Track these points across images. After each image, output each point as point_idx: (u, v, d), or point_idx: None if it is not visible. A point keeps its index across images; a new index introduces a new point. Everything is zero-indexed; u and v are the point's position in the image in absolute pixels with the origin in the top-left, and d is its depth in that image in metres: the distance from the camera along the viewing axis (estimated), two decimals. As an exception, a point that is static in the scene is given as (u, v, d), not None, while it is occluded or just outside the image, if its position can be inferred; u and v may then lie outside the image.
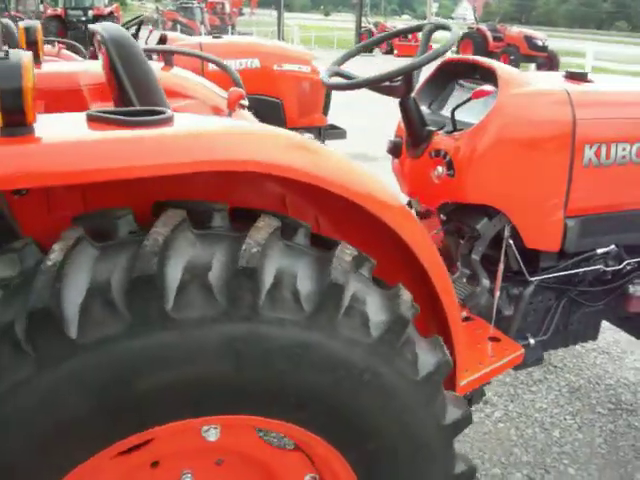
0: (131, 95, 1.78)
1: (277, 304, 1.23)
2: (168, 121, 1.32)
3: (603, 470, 2.76)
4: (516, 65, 20.55)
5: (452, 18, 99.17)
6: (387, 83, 2.18)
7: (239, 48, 5.50)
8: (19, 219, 1.40)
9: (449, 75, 2.54)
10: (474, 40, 22.58)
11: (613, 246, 2.52)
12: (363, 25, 26.71)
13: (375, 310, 1.34)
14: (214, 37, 6.07)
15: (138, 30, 5.01)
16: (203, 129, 1.35)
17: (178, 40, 5.67)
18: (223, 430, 1.41)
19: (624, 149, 2.34)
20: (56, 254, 1.16)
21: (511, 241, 2.28)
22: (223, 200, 1.39)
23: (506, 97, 2.15)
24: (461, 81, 2.46)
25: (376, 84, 2.14)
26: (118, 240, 1.25)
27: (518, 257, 2.32)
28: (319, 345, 1.27)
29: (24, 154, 1.17)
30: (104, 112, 1.35)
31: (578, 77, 2.41)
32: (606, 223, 2.45)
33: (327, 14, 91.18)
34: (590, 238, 2.44)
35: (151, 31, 7.35)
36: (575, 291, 2.58)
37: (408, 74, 2.13)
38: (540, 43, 20.90)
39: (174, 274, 1.17)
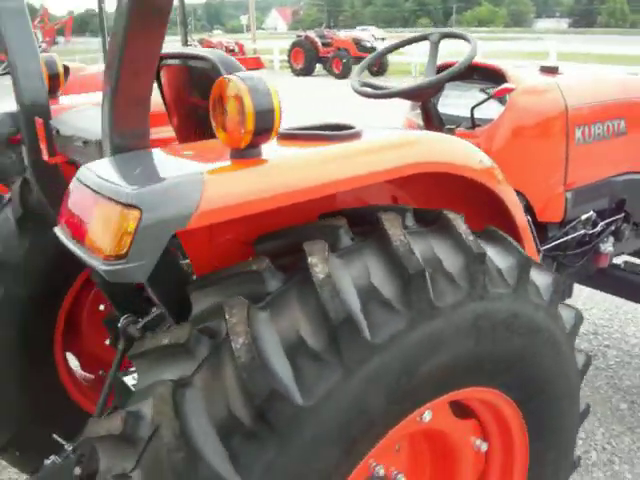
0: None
1: (493, 281, 1.46)
2: (358, 134, 1.46)
3: (594, 409, 3.23)
4: (349, 68, 21.55)
5: (263, 29, 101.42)
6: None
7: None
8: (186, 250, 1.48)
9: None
10: (304, 47, 23.38)
11: (591, 212, 2.99)
12: (189, 43, 26.64)
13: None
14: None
15: None
16: (392, 139, 1.53)
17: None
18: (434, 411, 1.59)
19: (599, 128, 2.80)
20: (319, 268, 1.27)
21: (528, 217, 2.64)
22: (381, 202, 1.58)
23: (517, 94, 2.51)
24: (458, 82, 2.78)
25: (413, 93, 2.41)
26: (347, 248, 1.35)
27: (534, 230, 2.69)
28: (522, 312, 1.52)
29: (284, 171, 1.27)
30: (293, 130, 1.47)
31: (552, 70, 2.83)
32: (588, 192, 2.88)
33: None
34: (578, 207, 2.85)
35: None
36: (563, 255, 3.01)
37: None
38: (369, 44, 22.08)
39: (424, 267, 1.35)
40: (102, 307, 2.53)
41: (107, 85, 1.35)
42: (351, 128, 1.46)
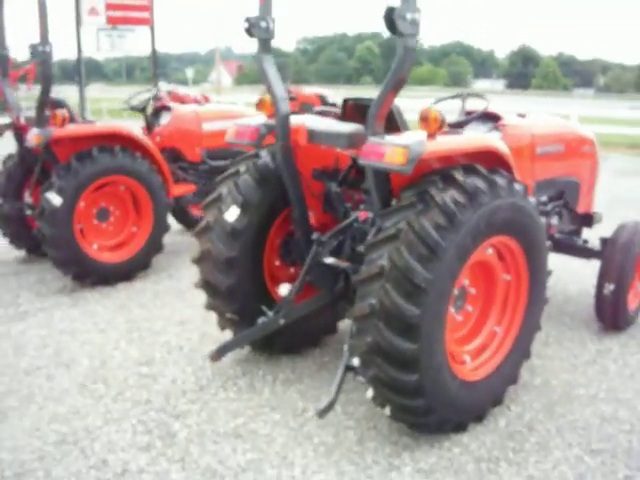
0: None
1: (501, 191, 3.70)
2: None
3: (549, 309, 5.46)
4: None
5: (208, 82, 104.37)
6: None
7: (223, 113, 7.67)
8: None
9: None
10: (271, 102, 25.87)
11: (545, 197, 5.30)
12: (158, 95, 28.81)
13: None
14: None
15: None
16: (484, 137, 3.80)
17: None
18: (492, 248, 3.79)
19: (549, 148, 5.11)
20: (439, 196, 3.49)
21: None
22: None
23: (508, 127, 4.80)
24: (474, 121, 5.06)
25: (455, 125, 4.70)
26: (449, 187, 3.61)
27: None
28: (514, 202, 3.69)
29: (443, 142, 3.53)
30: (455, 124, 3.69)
31: (523, 115, 5.17)
32: (544, 185, 5.17)
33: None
34: (539, 193, 5.13)
35: None
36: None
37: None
38: (331, 100, 24.72)
39: (477, 188, 3.60)
40: (291, 227, 4.55)
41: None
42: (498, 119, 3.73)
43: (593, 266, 6.52)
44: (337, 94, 28.83)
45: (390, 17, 3.20)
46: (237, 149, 7.41)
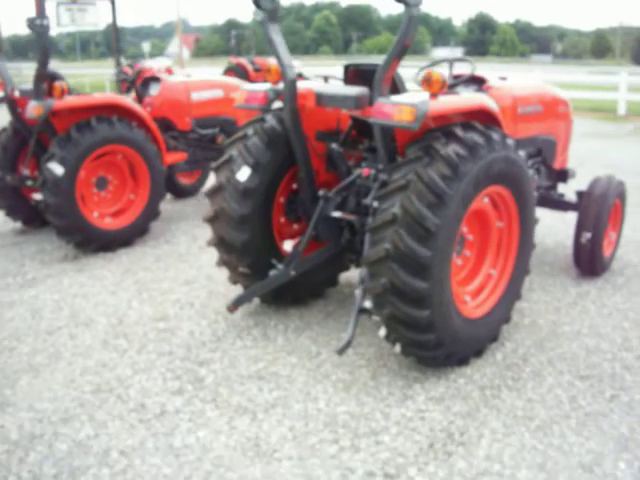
0: None
1: (495, 145, 4.03)
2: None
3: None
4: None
5: (165, 55, 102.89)
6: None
7: (210, 83, 7.91)
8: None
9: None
10: (237, 72, 25.93)
11: (525, 153, 5.70)
12: (122, 68, 28.57)
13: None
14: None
15: None
16: (478, 95, 4.15)
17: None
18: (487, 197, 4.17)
19: (529, 108, 5.49)
20: (444, 150, 3.85)
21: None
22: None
23: (492, 89, 5.17)
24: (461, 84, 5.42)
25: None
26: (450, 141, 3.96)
27: None
28: (506, 154, 4.08)
29: (445, 101, 3.87)
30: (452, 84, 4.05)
31: (504, 78, 5.54)
32: (525, 142, 5.55)
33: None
34: (520, 149, 5.57)
35: None
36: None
37: None
38: (297, 70, 24.91)
39: (477, 142, 3.97)
40: (294, 186, 4.87)
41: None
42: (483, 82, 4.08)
43: (565, 221, 7.02)
44: (316, 65, 29.00)
45: None
46: (224, 117, 7.69)
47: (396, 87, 4.28)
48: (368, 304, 3.95)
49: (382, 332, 3.97)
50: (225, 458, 3.33)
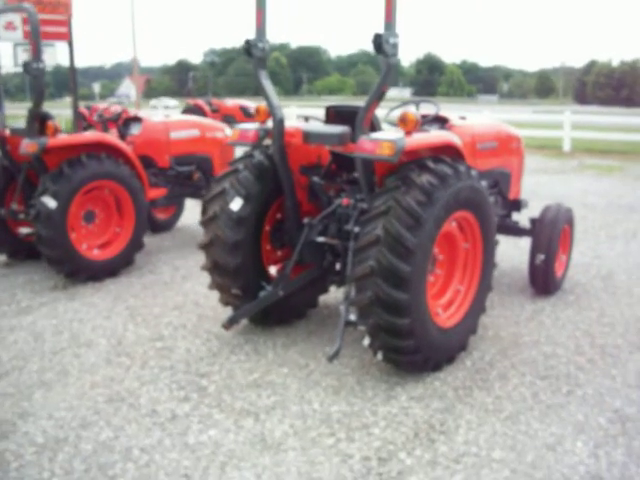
0: None
1: (461, 175, 4.69)
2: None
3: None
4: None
5: (116, 96, 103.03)
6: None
7: (187, 123, 8.47)
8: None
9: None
10: (194, 113, 26.49)
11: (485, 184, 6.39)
12: (79, 108, 28.82)
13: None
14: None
15: None
16: (443, 133, 4.80)
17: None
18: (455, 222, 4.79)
19: (486, 144, 6.19)
20: (419, 179, 4.47)
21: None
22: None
23: (454, 127, 5.84)
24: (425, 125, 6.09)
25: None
26: (424, 172, 4.58)
27: None
28: (471, 183, 4.73)
29: (418, 139, 4.51)
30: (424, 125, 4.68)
31: (464, 118, 6.25)
32: (484, 175, 6.26)
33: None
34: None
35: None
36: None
37: None
38: (252, 111, 25.62)
39: (447, 173, 4.61)
40: (279, 215, 5.42)
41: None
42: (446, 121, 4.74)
43: (519, 246, 7.73)
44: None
45: (378, 41, 4.15)
46: (200, 155, 8.25)
47: (373, 125, 4.90)
48: (353, 317, 4.50)
49: (366, 341, 4.51)
50: (236, 451, 3.80)
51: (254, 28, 4.92)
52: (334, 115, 5.34)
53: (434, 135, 4.71)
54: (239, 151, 9.17)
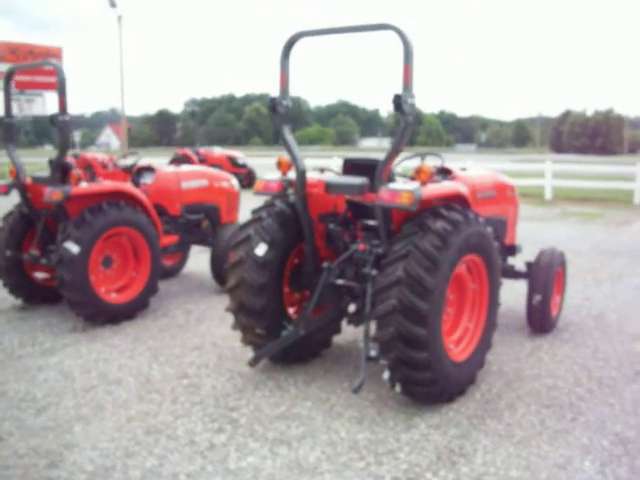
0: None
1: (471, 222, 5.18)
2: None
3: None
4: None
5: (96, 145, 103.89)
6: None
7: (197, 173, 8.96)
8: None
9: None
10: (182, 162, 27.03)
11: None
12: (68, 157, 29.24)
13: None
14: None
15: None
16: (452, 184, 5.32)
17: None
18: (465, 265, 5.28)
19: (486, 193, 6.74)
20: (434, 225, 4.97)
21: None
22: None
23: (458, 178, 6.38)
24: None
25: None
26: (438, 220, 5.08)
27: None
28: (478, 229, 5.24)
29: (434, 189, 5.04)
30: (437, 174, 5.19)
31: (464, 169, 6.80)
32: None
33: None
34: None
35: None
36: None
37: None
38: (241, 161, 26.23)
39: (458, 221, 5.12)
40: (296, 260, 5.89)
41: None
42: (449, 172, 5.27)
43: (514, 289, 8.22)
44: (247, 156, 30.31)
45: (397, 101, 4.68)
46: (208, 204, 8.73)
47: (388, 176, 5.42)
48: (373, 352, 4.93)
49: (386, 375, 4.93)
50: (276, 475, 4.16)
51: (278, 87, 5.44)
52: (350, 167, 5.85)
53: (445, 186, 5.23)
54: (244, 200, 9.69)
